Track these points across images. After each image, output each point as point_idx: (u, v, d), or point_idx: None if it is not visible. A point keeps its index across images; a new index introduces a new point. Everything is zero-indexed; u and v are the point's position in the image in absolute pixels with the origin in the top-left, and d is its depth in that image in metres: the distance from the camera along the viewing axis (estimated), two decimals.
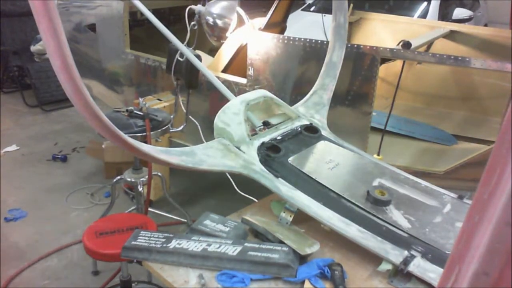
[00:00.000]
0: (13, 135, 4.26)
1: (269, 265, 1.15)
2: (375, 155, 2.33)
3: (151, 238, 1.25)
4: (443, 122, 3.07)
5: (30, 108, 4.94)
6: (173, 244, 1.22)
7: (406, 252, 1.17)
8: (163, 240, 1.24)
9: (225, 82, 2.52)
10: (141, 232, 1.28)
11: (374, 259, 1.21)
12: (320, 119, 1.72)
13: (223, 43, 2.85)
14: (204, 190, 3.31)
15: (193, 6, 2.63)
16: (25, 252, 2.71)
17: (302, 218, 1.36)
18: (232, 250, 1.19)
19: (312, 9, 5.12)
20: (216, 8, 2.66)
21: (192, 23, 2.55)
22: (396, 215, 1.28)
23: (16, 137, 4.21)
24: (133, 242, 1.24)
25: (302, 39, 2.40)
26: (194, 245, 1.21)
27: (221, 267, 1.17)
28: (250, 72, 2.59)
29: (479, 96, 3.26)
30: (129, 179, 2.45)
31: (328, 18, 2.64)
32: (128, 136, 1.17)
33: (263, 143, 1.46)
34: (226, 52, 2.89)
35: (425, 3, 4.73)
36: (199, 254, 1.18)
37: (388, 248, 1.18)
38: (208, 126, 2.22)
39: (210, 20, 2.66)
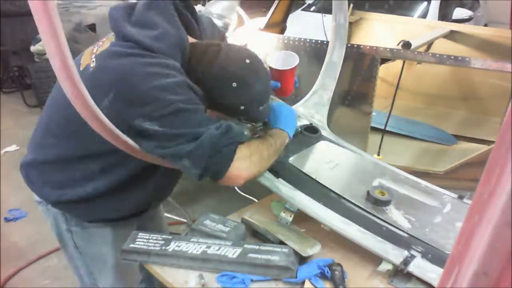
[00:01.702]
0: (13, 135, 4.26)
1: (270, 268, 1.15)
2: (375, 155, 2.33)
3: (150, 241, 1.24)
4: (443, 122, 3.07)
5: (30, 108, 4.94)
6: (172, 246, 1.22)
7: (406, 252, 1.17)
8: (162, 242, 1.24)
9: None
10: (139, 234, 1.27)
11: (374, 259, 1.21)
12: (320, 119, 1.72)
13: None
14: (204, 190, 3.31)
15: None
16: (25, 252, 2.71)
17: (302, 218, 1.36)
18: (232, 252, 1.18)
19: (312, 9, 5.12)
20: (216, 8, 2.66)
21: None
22: (396, 215, 1.28)
23: (16, 137, 4.21)
24: (131, 245, 1.23)
25: (302, 39, 2.40)
26: (193, 247, 1.21)
27: (221, 270, 1.17)
28: None
29: (479, 96, 3.26)
30: None
31: (328, 18, 2.64)
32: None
33: None
34: None
35: (425, 3, 4.73)
36: (198, 256, 1.18)
37: (388, 248, 1.18)
38: None
39: None
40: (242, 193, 2.36)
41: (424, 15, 4.60)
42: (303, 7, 5.25)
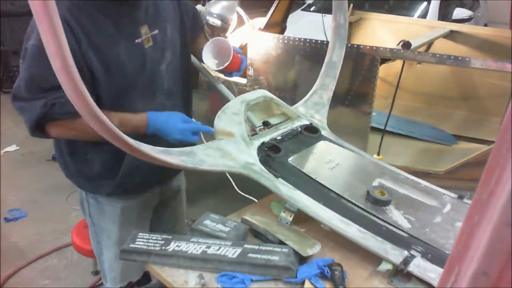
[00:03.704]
0: (13, 135, 4.26)
1: (270, 268, 1.15)
2: (375, 155, 2.33)
3: (150, 240, 1.24)
4: (443, 122, 3.07)
5: None
6: (172, 246, 1.22)
7: (406, 252, 1.17)
8: (162, 242, 1.24)
9: (225, 82, 2.53)
10: (139, 234, 1.28)
11: (374, 259, 1.21)
12: (320, 119, 1.72)
13: None
14: (204, 190, 3.31)
15: None
16: (25, 252, 2.72)
17: (302, 218, 1.36)
18: (232, 252, 1.18)
19: (312, 9, 5.12)
20: (216, 8, 2.65)
21: None
22: (396, 215, 1.28)
23: (16, 137, 4.21)
24: (131, 245, 1.23)
25: (302, 39, 2.40)
26: (193, 247, 1.21)
27: (221, 270, 1.17)
28: (250, 72, 2.59)
29: (479, 96, 3.26)
30: None
31: (328, 18, 2.64)
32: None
33: (263, 143, 1.46)
34: None
35: (425, 3, 4.73)
36: (198, 256, 1.18)
37: (388, 248, 1.18)
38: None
39: (210, 20, 2.66)
40: (242, 193, 2.36)
41: (424, 15, 4.61)
42: (303, 7, 5.25)
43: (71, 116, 1.23)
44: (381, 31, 3.64)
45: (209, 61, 1.60)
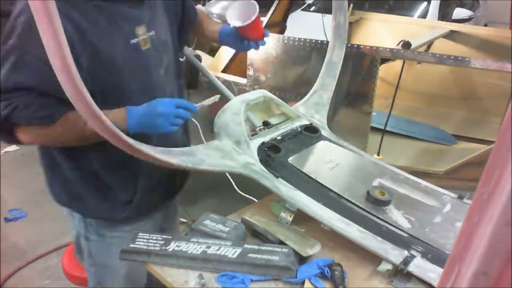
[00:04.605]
0: None
1: (269, 268, 1.15)
2: (375, 155, 2.33)
3: (150, 241, 1.24)
4: (443, 122, 3.07)
5: None
6: (172, 246, 1.22)
7: (406, 252, 1.17)
8: (162, 242, 1.24)
9: (225, 82, 2.53)
10: (139, 234, 1.28)
11: (374, 259, 1.21)
12: (320, 119, 1.72)
13: None
14: (204, 190, 3.30)
15: None
16: (25, 252, 2.72)
17: (302, 218, 1.36)
18: (232, 252, 1.18)
19: (312, 9, 5.12)
20: (216, 8, 2.66)
21: None
22: (396, 215, 1.28)
23: None
24: (131, 245, 1.23)
25: (302, 39, 2.40)
26: (193, 247, 1.21)
27: (221, 270, 1.17)
28: (250, 72, 2.59)
29: (479, 96, 3.26)
30: None
31: (328, 18, 2.64)
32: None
33: (263, 143, 1.46)
34: (226, 52, 2.89)
35: (425, 3, 4.73)
36: (198, 256, 1.18)
37: (388, 248, 1.19)
38: (208, 126, 2.22)
39: None
40: (242, 193, 2.37)
41: (424, 15, 4.60)
42: (303, 7, 5.24)
43: (38, 123, 1.15)
44: (381, 31, 3.64)
45: (233, 20, 1.52)
